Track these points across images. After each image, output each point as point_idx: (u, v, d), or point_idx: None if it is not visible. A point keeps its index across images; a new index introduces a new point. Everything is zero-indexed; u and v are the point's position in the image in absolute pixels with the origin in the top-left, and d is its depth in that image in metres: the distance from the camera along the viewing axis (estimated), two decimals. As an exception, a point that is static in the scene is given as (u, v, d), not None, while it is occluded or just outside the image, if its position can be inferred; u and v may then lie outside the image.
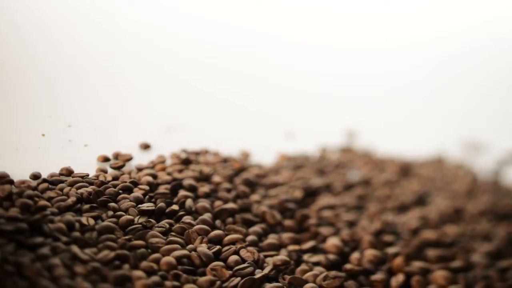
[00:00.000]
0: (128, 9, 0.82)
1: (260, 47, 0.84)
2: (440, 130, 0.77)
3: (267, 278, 0.48)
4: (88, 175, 0.61)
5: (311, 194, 0.61)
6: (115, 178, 0.61)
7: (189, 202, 0.56)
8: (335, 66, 0.84)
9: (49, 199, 0.56)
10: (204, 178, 0.62)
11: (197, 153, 0.68)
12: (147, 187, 0.59)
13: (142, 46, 0.80)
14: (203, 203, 0.57)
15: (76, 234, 0.51)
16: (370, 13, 0.95)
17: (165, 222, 0.53)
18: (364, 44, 0.87)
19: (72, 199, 0.56)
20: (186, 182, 0.59)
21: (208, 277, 0.47)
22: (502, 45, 0.90)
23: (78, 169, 0.63)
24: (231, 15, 0.89)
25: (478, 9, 0.94)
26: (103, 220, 0.54)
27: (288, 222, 0.56)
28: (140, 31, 0.80)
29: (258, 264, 0.49)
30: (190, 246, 0.51)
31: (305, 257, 0.51)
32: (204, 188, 0.59)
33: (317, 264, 0.50)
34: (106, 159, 0.66)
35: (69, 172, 0.62)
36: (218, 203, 0.57)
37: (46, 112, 0.72)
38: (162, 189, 0.58)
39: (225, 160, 0.67)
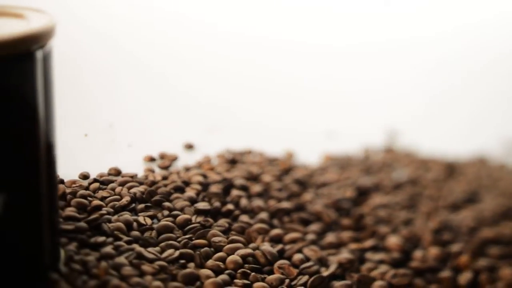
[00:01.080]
0: (170, 14, 0.82)
1: (300, 49, 0.84)
2: (477, 129, 0.77)
3: (333, 276, 0.48)
4: (136, 175, 0.61)
5: (362, 193, 0.60)
6: (164, 177, 0.61)
7: (244, 201, 0.56)
8: (370, 67, 0.84)
9: (102, 198, 0.56)
10: (253, 177, 0.61)
11: (241, 153, 0.68)
12: (199, 187, 0.58)
13: (183, 48, 0.80)
14: (258, 202, 0.57)
15: (136, 233, 0.51)
16: (391, 13, 0.95)
17: (224, 221, 0.53)
18: (398, 42, 0.87)
19: (126, 198, 0.56)
20: (238, 181, 0.59)
21: (277, 275, 0.47)
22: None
23: (123, 169, 0.63)
24: (262, 19, 0.89)
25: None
26: (159, 220, 0.54)
27: (344, 221, 0.56)
28: (182, 33, 0.80)
29: (322, 262, 0.49)
30: (253, 245, 0.51)
31: (368, 255, 0.51)
32: (256, 188, 0.59)
33: (380, 262, 0.50)
34: (152, 159, 0.66)
35: (117, 172, 0.62)
36: (271, 202, 0.57)
37: (88, 113, 0.72)
38: (214, 188, 0.58)
39: (271, 160, 0.67)
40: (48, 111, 0.43)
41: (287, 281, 0.47)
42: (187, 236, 0.51)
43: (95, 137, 0.69)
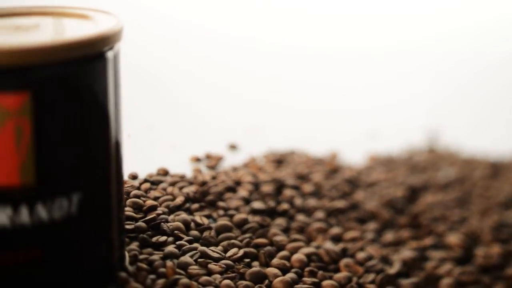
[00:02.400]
0: (214, 19, 0.82)
1: (335, 54, 0.84)
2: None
3: (398, 274, 0.48)
4: (185, 175, 0.61)
5: (413, 192, 0.60)
6: (213, 178, 0.61)
7: (298, 200, 0.56)
8: (404, 67, 0.84)
9: (155, 198, 0.56)
10: (302, 177, 0.61)
11: (286, 154, 0.68)
12: (251, 187, 0.58)
13: (225, 48, 0.80)
14: (313, 201, 0.56)
15: (195, 233, 0.51)
16: (406, 14, 0.95)
17: (282, 221, 0.53)
18: (426, 40, 0.87)
19: (180, 198, 0.56)
20: (289, 181, 0.59)
21: (344, 273, 0.47)
22: None
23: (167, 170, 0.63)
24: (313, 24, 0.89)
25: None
26: (215, 219, 0.54)
27: (401, 220, 0.56)
28: (221, 35, 0.80)
29: (385, 260, 0.49)
30: (314, 243, 0.51)
31: (429, 253, 0.51)
32: (308, 187, 0.59)
33: (443, 260, 0.50)
34: (198, 160, 0.66)
35: (165, 172, 0.62)
36: (324, 201, 0.57)
37: (130, 113, 0.72)
38: (266, 188, 0.58)
39: (316, 160, 0.67)
40: (117, 111, 0.43)
41: (354, 279, 0.47)
42: (247, 236, 0.51)
43: (138, 137, 0.69)
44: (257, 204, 0.55)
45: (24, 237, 0.39)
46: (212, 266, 0.46)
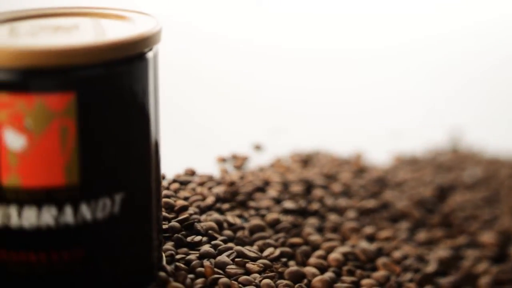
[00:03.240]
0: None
1: (362, 50, 0.85)
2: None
3: (435, 273, 0.48)
4: (212, 176, 0.61)
5: (442, 191, 0.61)
6: (241, 178, 0.61)
7: (329, 200, 0.56)
8: (424, 66, 0.84)
9: (185, 199, 0.56)
10: (330, 177, 0.62)
11: (311, 154, 0.68)
12: (280, 186, 0.59)
13: (249, 49, 0.81)
14: (343, 201, 0.57)
15: (228, 232, 0.51)
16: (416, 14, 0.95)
17: (314, 220, 0.53)
18: (447, 40, 0.87)
19: (211, 198, 0.56)
20: (318, 181, 0.59)
21: (382, 272, 0.47)
22: None
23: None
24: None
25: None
26: (246, 219, 0.54)
27: (432, 219, 0.56)
28: (245, 35, 0.80)
29: (421, 259, 0.49)
30: (349, 242, 0.51)
31: (463, 252, 0.51)
32: (337, 187, 0.59)
33: (478, 258, 0.50)
34: (223, 160, 0.66)
35: (192, 172, 0.62)
36: (354, 201, 0.57)
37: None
38: (295, 188, 0.58)
39: (341, 160, 0.67)
40: (156, 111, 0.43)
41: (392, 278, 0.47)
42: (280, 235, 0.51)
43: (162, 138, 0.69)
44: (289, 204, 0.55)
45: (68, 236, 0.39)
46: (250, 265, 0.46)
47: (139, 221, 0.42)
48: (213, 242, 0.49)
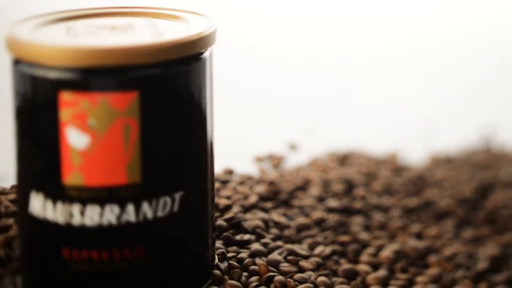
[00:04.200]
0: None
1: (393, 47, 0.85)
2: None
3: (486, 270, 0.48)
4: (250, 175, 0.62)
5: (481, 189, 0.61)
6: (281, 177, 0.61)
7: (371, 198, 0.57)
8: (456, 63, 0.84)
9: (227, 198, 0.56)
10: (370, 176, 0.62)
11: (347, 153, 0.68)
12: (321, 185, 0.59)
13: (283, 49, 0.81)
14: (386, 199, 0.57)
15: (275, 231, 0.51)
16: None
17: (360, 219, 0.53)
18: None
19: (253, 197, 0.56)
20: (358, 180, 0.60)
21: (435, 269, 0.47)
22: None
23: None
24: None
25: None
26: (290, 218, 0.54)
27: (476, 216, 0.56)
28: (283, 34, 0.81)
29: (471, 256, 0.50)
30: (398, 240, 0.51)
31: (511, 249, 0.51)
32: (377, 186, 0.59)
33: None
34: (260, 159, 0.66)
35: (230, 171, 0.62)
36: (396, 199, 0.57)
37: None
38: (336, 186, 0.58)
39: (378, 159, 0.67)
40: (212, 111, 0.44)
41: (446, 274, 0.47)
42: (328, 233, 0.51)
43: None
44: (333, 203, 0.55)
45: (130, 235, 0.40)
46: (303, 263, 0.46)
47: (196, 219, 0.42)
48: (262, 241, 0.49)
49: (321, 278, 0.44)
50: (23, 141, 0.40)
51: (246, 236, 0.49)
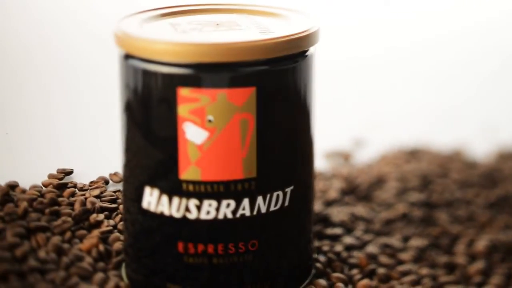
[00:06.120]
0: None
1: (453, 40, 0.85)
2: None
3: None
4: (321, 171, 0.62)
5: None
6: (354, 172, 0.62)
7: (451, 192, 0.57)
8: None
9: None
10: (443, 170, 0.62)
11: (417, 148, 0.69)
12: (397, 180, 0.59)
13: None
14: (465, 193, 0.57)
15: (362, 224, 0.52)
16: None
17: (444, 212, 0.54)
18: None
19: (333, 192, 0.57)
20: (433, 173, 0.60)
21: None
22: None
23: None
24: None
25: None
26: (374, 211, 0.54)
27: None
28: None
29: None
30: (487, 232, 0.51)
31: None
32: (452, 180, 0.60)
33: None
34: (330, 155, 0.67)
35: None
36: (474, 193, 0.58)
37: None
38: (412, 181, 0.59)
39: (447, 154, 0.67)
40: (315, 107, 0.44)
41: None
42: (415, 227, 0.51)
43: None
44: (414, 196, 0.55)
45: (245, 229, 0.40)
46: (401, 256, 0.47)
47: (302, 213, 0.43)
48: (353, 234, 0.50)
49: (424, 270, 0.45)
50: (134, 136, 0.41)
51: (336, 230, 0.50)
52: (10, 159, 0.57)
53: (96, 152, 0.60)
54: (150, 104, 0.40)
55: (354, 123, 0.73)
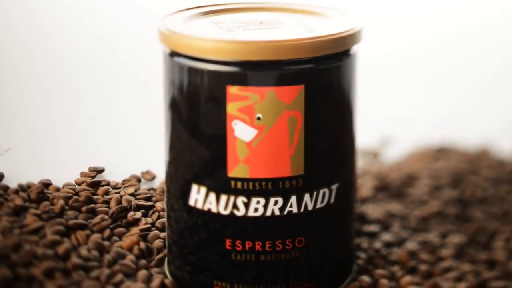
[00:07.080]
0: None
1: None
2: None
3: None
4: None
5: None
6: (386, 170, 0.62)
7: (489, 189, 0.57)
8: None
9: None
10: (472, 167, 0.62)
11: (444, 146, 0.69)
12: (429, 177, 0.59)
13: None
14: (498, 190, 0.58)
15: (398, 221, 0.52)
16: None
17: (478, 209, 0.54)
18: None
19: (366, 190, 0.57)
20: (463, 171, 0.60)
21: None
22: None
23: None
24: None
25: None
26: (409, 208, 0.55)
27: None
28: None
29: None
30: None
31: None
32: (483, 177, 0.60)
33: None
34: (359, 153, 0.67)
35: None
36: (506, 189, 0.58)
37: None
38: (444, 178, 0.59)
39: (474, 152, 0.67)
40: (356, 106, 0.44)
41: None
42: (451, 223, 0.52)
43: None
44: (448, 193, 0.56)
45: (292, 226, 0.40)
46: (442, 251, 0.47)
47: (346, 210, 0.43)
48: (391, 231, 0.50)
49: (467, 266, 0.45)
50: (180, 133, 0.41)
51: (374, 227, 0.50)
52: (40, 157, 0.57)
53: (126, 150, 0.60)
54: (197, 101, 0.40)
55: (379, 121, 0.73)
